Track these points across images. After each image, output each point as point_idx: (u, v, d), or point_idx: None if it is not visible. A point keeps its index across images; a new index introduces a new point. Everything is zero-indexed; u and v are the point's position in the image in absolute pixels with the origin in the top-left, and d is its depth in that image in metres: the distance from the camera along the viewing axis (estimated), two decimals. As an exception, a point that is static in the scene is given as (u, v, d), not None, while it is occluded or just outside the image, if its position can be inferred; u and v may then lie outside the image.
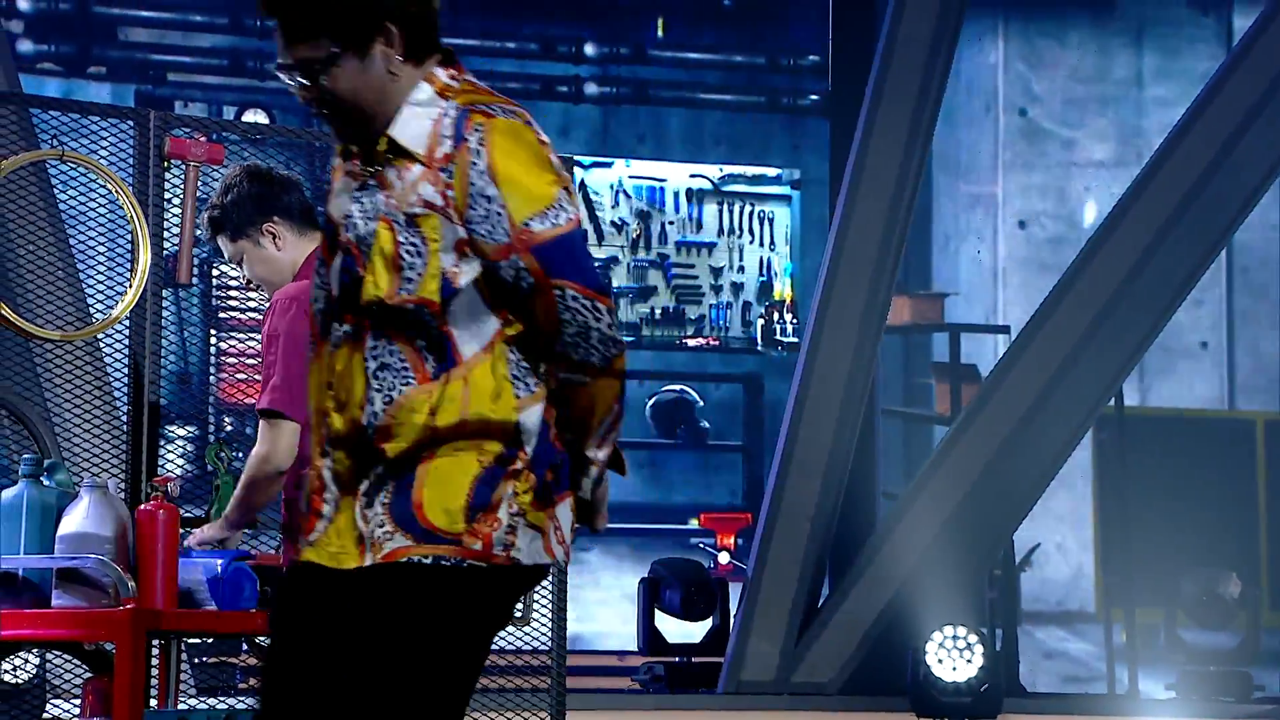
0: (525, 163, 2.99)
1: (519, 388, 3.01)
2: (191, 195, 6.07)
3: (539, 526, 3.05)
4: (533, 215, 2.98)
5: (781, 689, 9.35)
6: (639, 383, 13.44)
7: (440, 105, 3.06)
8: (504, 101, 3.11)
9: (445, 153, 3.00)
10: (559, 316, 2.98)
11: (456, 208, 2.98)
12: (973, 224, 13.36)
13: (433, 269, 2.97)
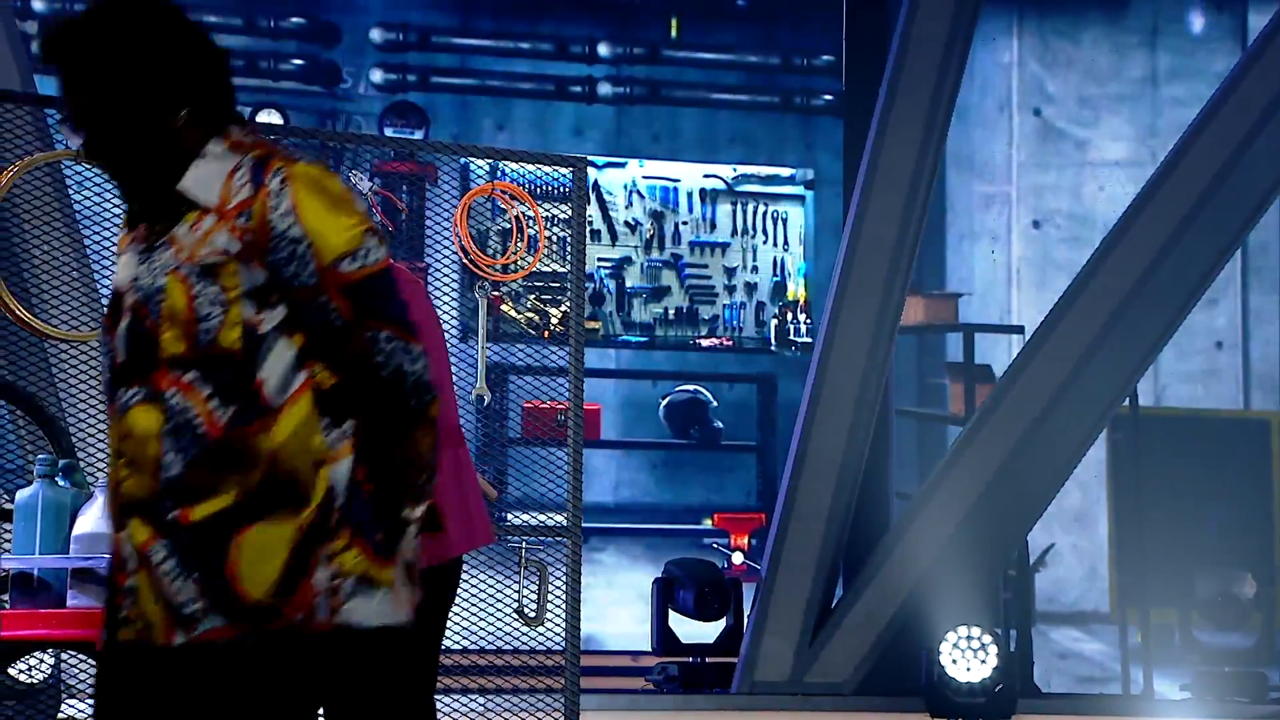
0: (330, 204, 2.92)
1: (330, 441, 2.88)
2: (206, 195, 6.08)
3: (379, 583, 2.90)
4: (341, 256, 2.89)
5: (795, 689, 9.34)
6: (653, 383, 13.43)
7: (233, 158, 2.97)
8: (305, 155, 3.05)
9: (242, 199, 2.92)
10: (373, 360, 2.88)
11: (257, 252, 2.89)
12: (987, 224, 13.35)
13: (233, 318, 2.87)
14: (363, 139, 7.88)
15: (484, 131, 13.19)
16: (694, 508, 13.20)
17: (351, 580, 2.87)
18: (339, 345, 2.90)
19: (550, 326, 11.61)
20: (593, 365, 10.79)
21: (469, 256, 6.70)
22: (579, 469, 6.76)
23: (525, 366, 7.64)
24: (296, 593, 2.85)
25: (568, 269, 7.11)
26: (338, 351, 2.90)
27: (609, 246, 13.42)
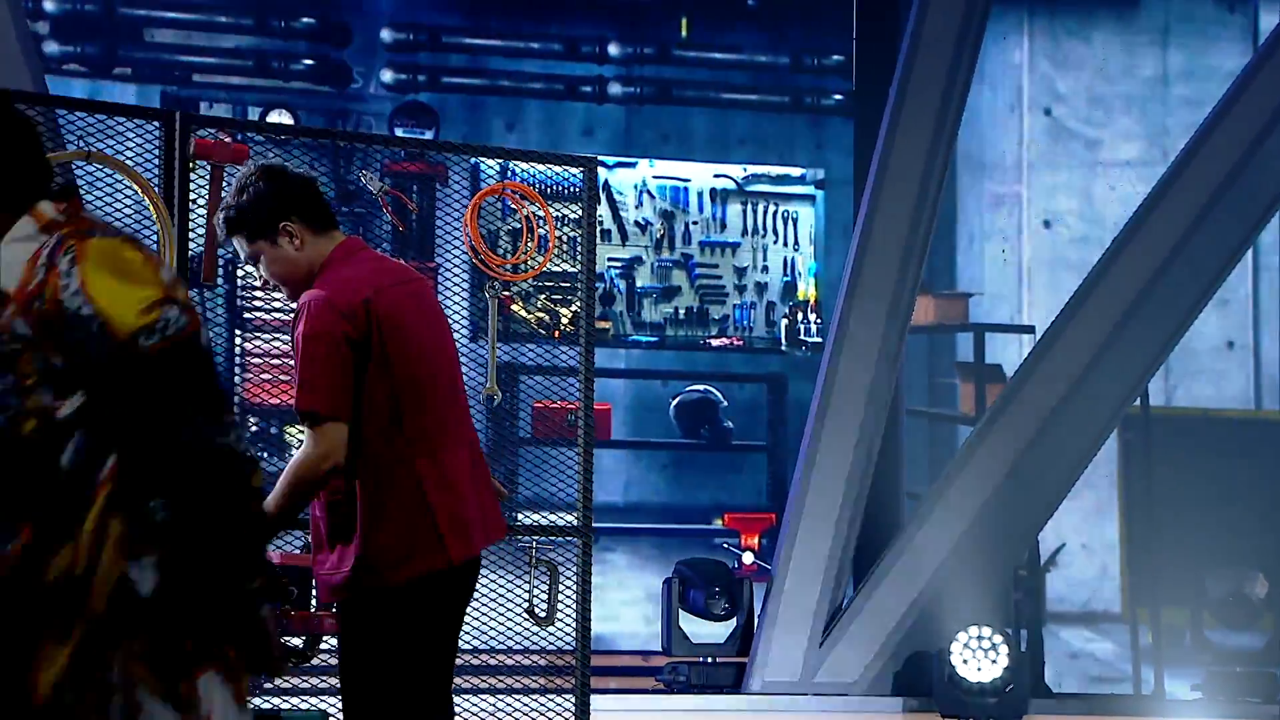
0: (121, 277, 2.79)
1: (135, 537, 2.74)
2: (216, 195, 6.08)
3: (177, 702, 2.75)
4: (138, 329, 2.77)
5: (806, 689, 9.34)
6: (663, 383, 13.43)
7: (40, 239, 2.84)
8: (109, 229, 2.91)
9: (37, 283, 2.80)
10: (180, 438, 2.75)
11: (51, 335, 2.77)
12: (997, 223, 13.33)
13: (30, 406, 2.74)
14: (373, 139, 7.89)
15: (494, 131, 13.19)
16: (704, 508, 13.20)
17: (146, 691, 2.73)
18: (143, 426, 2.74)
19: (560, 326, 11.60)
20: (603, 365, 10.79)
21: (479, 256, 6.70)
22: (589, 469, 6.75)
23: (535, 366, 7.64)
24: (75, 706, 2.70)
25: (578, 269, 7.11)
26: (142, 433, 2.74)
27: (619, 246, 13.42)
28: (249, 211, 4.53)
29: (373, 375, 4.41)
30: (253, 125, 9.19)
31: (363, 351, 4.40)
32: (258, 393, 10.90)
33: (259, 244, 4.55)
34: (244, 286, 11.37)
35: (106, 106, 6.30)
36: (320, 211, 4.56)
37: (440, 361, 4.63)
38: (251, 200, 4.53)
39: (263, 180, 4.55)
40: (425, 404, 4.47)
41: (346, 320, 4.38)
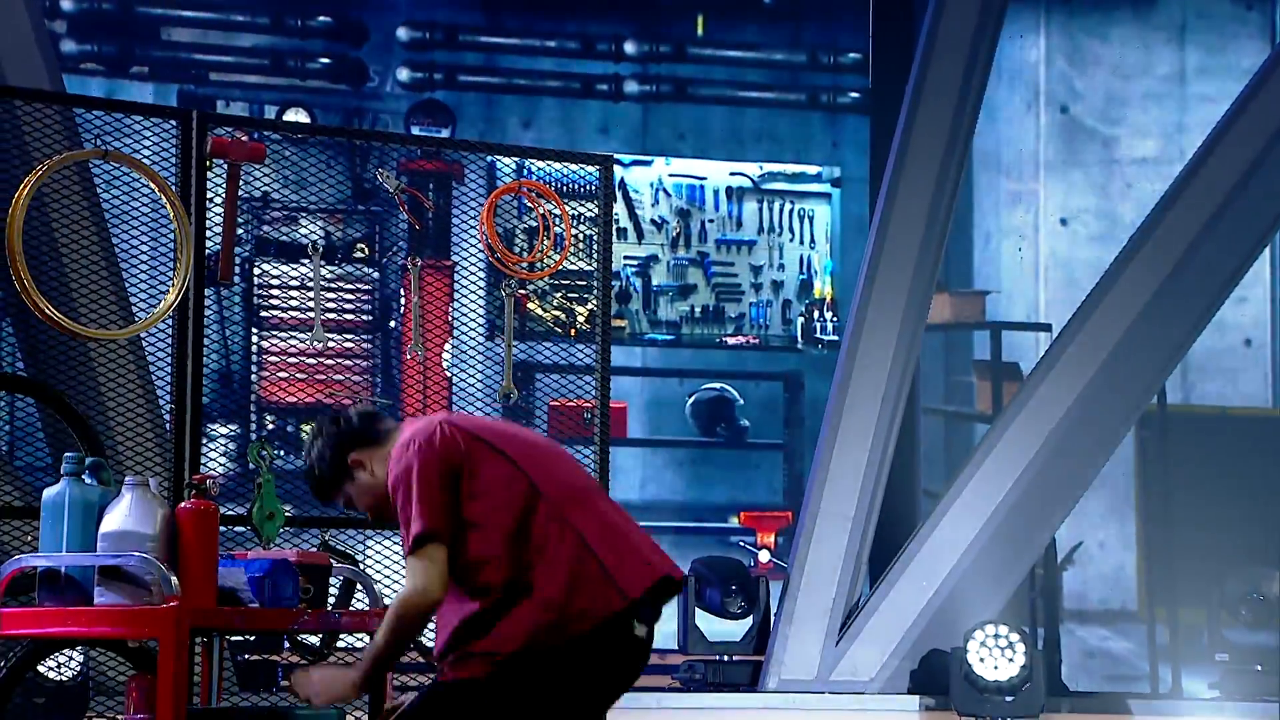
0: None
1: None
2: (233, 194, 6.08)
3: None
4: None
5: (822, 687, 9.32)
6: (679, 381, 13.41)
7: None
8: None
9: None
10: None
11: None
12: (1014, 221, 13.30)
13: None
14: (389, 137, 7.88)
15: (510, 130, 13.18)
16: (720, 506, 13.18)
17: None
18: None
19: (576, 324, 11.59)
20: (619, 363, 10.76)
21: (495, 254, 6.69)
22: (605, 467, 6.74)
23: (551, 365, 7.63)
24: None
25: (594, 267, 7.09)
26: None
27: (635, 245, 13.40)
28: (317, 473, 4.61)
29: (490, 470, 4.40)
30: (269, 124, 9.19)
31: (461, 466, 4.40)
32: (275, 391, 10.92)
33: (345, 490, 4.61)
34: (261, 285, 11.39)
35: (123, 105, 6.31)
36: (376, 428, 4.59)
37: (549, 447, 4.59)
38: (315, 462, 4.61)
39: (316, 439, 4.62)
40: (550, 472, 4.45)
41: (429, 447, 4.38)
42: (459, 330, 7.05)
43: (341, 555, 5.92)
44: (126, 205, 6.23)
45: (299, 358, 10.37)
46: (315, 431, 4.62)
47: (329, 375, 10.78)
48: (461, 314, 7.00)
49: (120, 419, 6.26)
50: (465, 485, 4.36)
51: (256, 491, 5.67)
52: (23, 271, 5.64)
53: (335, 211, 11.68)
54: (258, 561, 4.82)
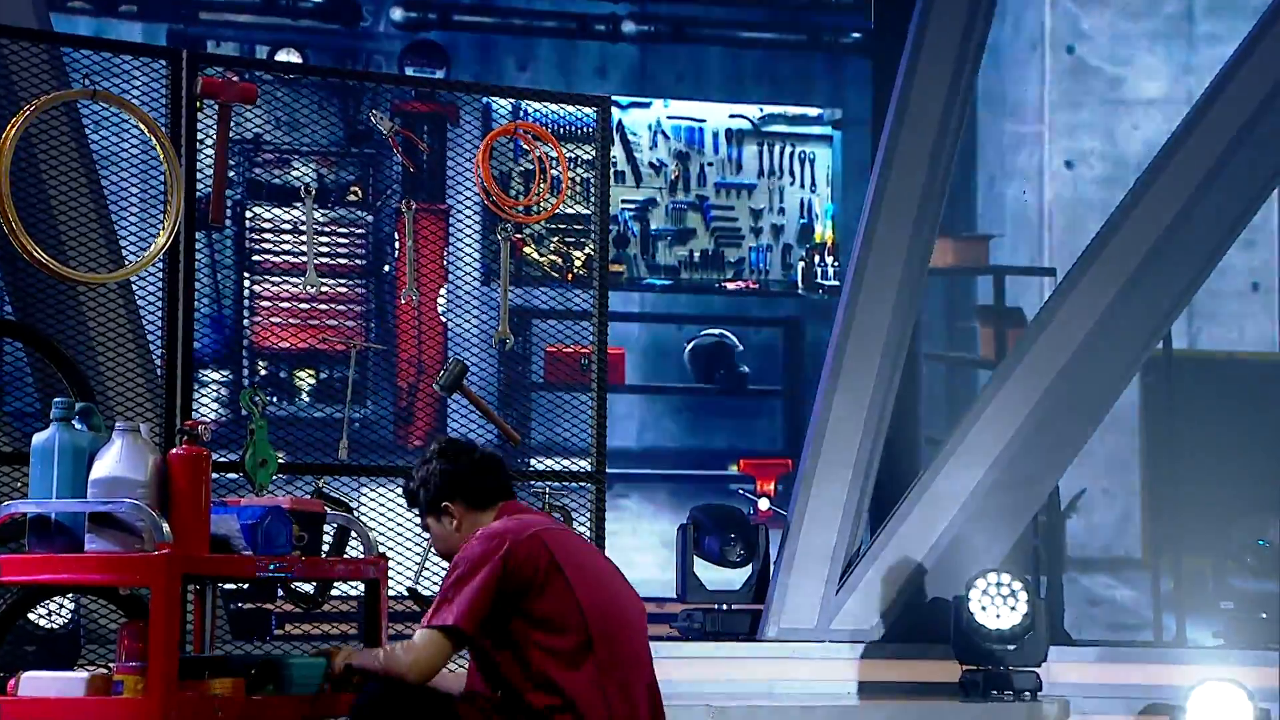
0: None
1: None
2: (224, 135, 6.02)
3: None
4: None
5: (822, 636, 9.29)
6: (678, 327, 13.34)
7: None
8: None
9: None
10: None
11: None
12: (1018, 164, 13.21)
13: None
14: (383, 78, 7.79)
15: (506, 71, 13.07)
16: (719, 453, 13.13)
17: None
18: None
19: (573, 269, 11.51)
20: (616, 309, 10.66)
21: (491, 198, 6.62)
22: (603, 414, 6.69)
23: (548, 310, 7.56)
24: None
25: (591, 211, 7.01)
26: None
27: (633, 188, 13.31)
28: (418, 491, 4.84)
29: (554, 599, 4.58)
30: (261, 64, 9.10)
31: (528, 582, 4.58)
32: (267, 336, 10.84)
33: (426, 519, 4.84)
34: (253, 229, 11.30)
35: (112, 45, 6.24)
36: (486, 491, 4.79)
37: (623, 596, 4.77)
38: (421, 480, 4.82)
39: (436, 460, 4.82)
40: (612, 632, 4.65)
41: (510, 556, 4.57)
42: (454, 275, 6.99)
43: (335, 503, 5.88)
44: (116, 147, 6.16)
45: (292, 303, 10.30)
46: (438, 451, 4.82)
47: (322, 320, 10.72)
48: (456, 259, 6.93)
49: (110, 364, 6.18)
50: (526, 603, 4.54)
51: (249, 438, 5.61)
52: (10, 214, 5.57)
53: (328, 154, 11.58)
54: (250, 508, 4.79)
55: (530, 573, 4.54)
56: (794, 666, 9.06)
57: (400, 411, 9.96)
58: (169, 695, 4.37)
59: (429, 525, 4.82)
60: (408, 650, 4.54)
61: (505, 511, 4.76)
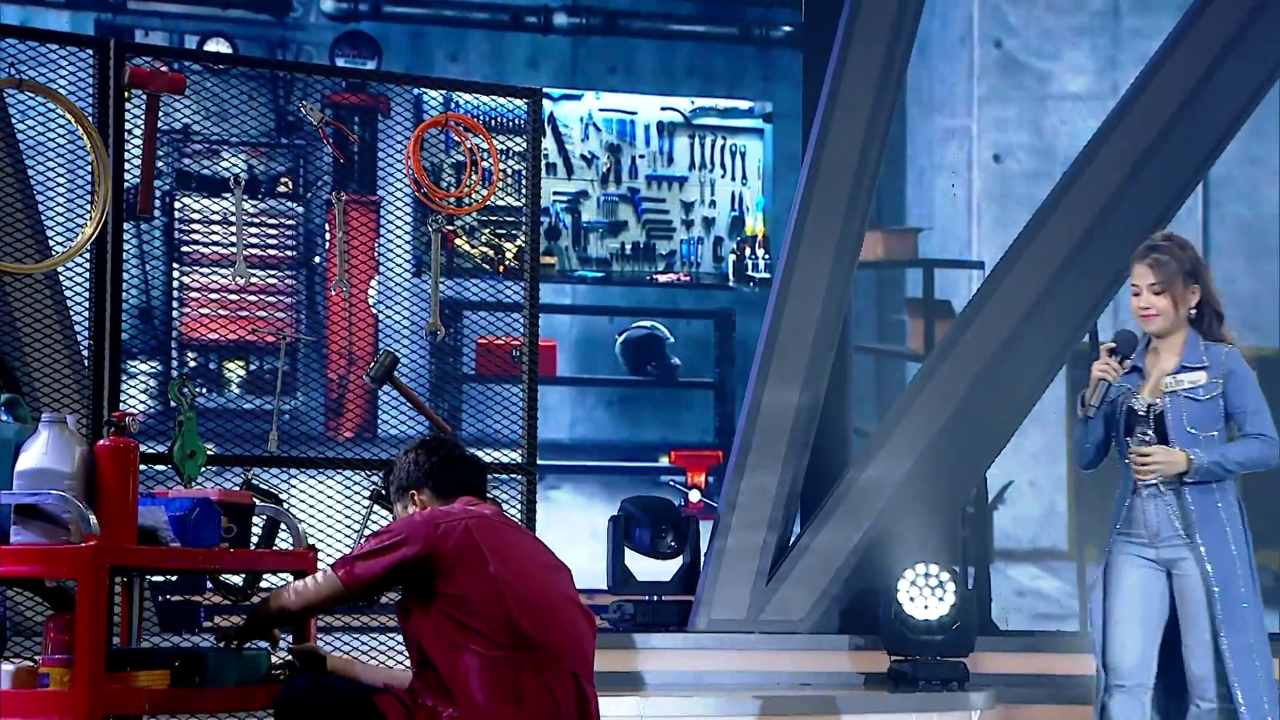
0: None
1: None
2: (152, 126, 5.97)
3: None
4: None
5: (753, 627, 9.32)
6: (609, 319, 13.34)
7: None
8: None
9: None
10: None
11: None
12: (947, 158, 13.27)
13: None
14: (313, 69, 7.75)
15: (437, 63, 13.03)
16: (651, 445, 13.14)
17: None
18: None
19: (505, 261, 11.50)
20: (548, 301, 10.69)
21: (422, 190, 6.60)
22: (534, 406, 6.68)
23: (480, 302, 7.55)
24: None
25: (522, 203, 7.00)
26: None
27: (564, 180, 13.30)
28: (392, 479, 5.03)
29: (472, 582, 4.64)
30: (189, 54, 9.02)
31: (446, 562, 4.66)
32: (195, 328, 10.78)
33: (395, 504, 5.00)
34: (182, 220, 11.22)
35: (38, 34, 6.18)
36: (453, 484, 4.94)
37: (557, 591, 4.85)
38: (399, 467, 4.99)
39: (417, 450, 4.99)
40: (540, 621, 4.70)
41: (434, 535, 4.67)
42: (385, 267, 6.97)
43: (265, 494, 5.85)
44: (42, 136, 6.09)
45: (221, 294, 10.23)
46: (421, 443, 5.01)
47: (252, 312, 10.67)
48: (387, 250, 6.91)
49: (37, 355, 6.14)
50: (443, 583, 4.61)
51: (178, 429, 5.58)
52: (-66, 204, 5.51)
53: (258, 145, 11.52)
54: (179, 500, 4.76)
55: (449, 552, 4.63)
56: (724, 657, 9.09)
57: (330, 403, 9.93)
58: (96, 687, 4.35)
59: (394, 509, 4.98)
60: (304, 582, 4.73)
61: (463, 503, 4.85)
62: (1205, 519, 5.68)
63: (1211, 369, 5.76)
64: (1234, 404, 5.75)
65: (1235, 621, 5.59)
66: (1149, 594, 5.71)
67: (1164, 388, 5.77)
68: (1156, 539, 5.75)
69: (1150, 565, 5.74)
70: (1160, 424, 5.74)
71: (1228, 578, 5.63)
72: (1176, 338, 5.84)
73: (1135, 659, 5.68)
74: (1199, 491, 5.69)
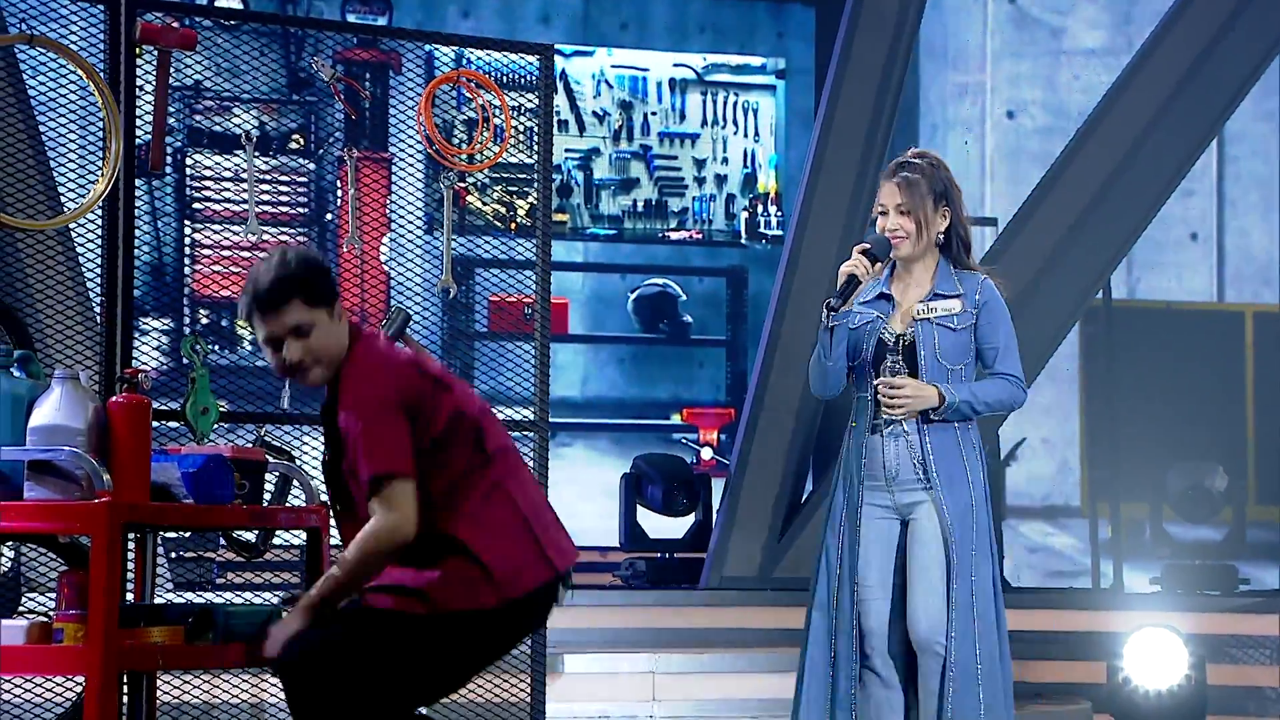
0: None
1: None
2: (164, 82, 5.96)
3: None
4: None
5: (764, 584, 9.33)
6: (621, 276, 13.33)
7: None
8: None
9: None
10: None
11: None
12: (960, 114, 13.23)
13: None
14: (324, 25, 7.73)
15: (449, 19, 12.98)
16: (663, 403, 13.15)
17: None
18: None
19: (517, 218, 11.49)
20: (560, 258, 10.65)
21: (434, 147, 6.58)
22: (546, 363, 6.68)
23: (491, 259, 7.54)
24: None
25: (534, 160, 6.98)
26: None
27: (576, 137, 13.27)
28: (315, 273, 4.39)
29: (447, 419, 4.38)
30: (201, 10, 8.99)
31: (422, 404, 4.37)
32: (208, 284, 10.79)
33: (319, 311, 4.38)
34: (194, 176, 11.21)
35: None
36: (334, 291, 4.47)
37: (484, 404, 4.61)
38: (315, 265, 4.41)
39: (310, 257, 4.45)
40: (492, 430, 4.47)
41: (402, 381, 4.34)
42: (397, 224, 6.95)
43: (277, 451, 5.86)
44: (54, 93, 6.08)
45: (233, 251, 10.23)
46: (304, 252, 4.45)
47: (264, 269, 10.63)
48: (399, 207, 6.90)
49: (49, 312, 6.14)
50: (420, 427, 4.32)
51: (190, 386, 5.58)
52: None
53: (269, 101, 11.49)
54: (191, 456, 4.76)
55: (417, 396, 4.35)
56: (736, 614, 9.10)
57: (343, 360, 9.91)
58: (109, 643, 4.36)
59: (316, 322, 4.34)
60: (396, 514, 4.25)
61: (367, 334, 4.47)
62: (944, 460, 5.12)
63: (966, 297, 5.22)
64: (985, 338, 5.22)
65: (964, 570, 5.08)
66: (889, 547, 5.17)
67: (915, 315, 5.19)
68: (893, 482, 5.17)
69: (887, 515, 5.20)
70: (910, 355, 5.18)
71: (963, 526, 5.10)
72: (926, 264, 5.26)
73: (882, 621, 5.16)
74: (939, 430, 5.15)
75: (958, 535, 5.10)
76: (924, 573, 5.12)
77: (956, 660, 5.08)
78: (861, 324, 5.24)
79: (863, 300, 5.26)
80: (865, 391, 5.25)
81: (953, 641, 5.09)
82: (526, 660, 6.53)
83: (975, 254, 5.51)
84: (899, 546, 5.19)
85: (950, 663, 5.08)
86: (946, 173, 5.38)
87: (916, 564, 5.14)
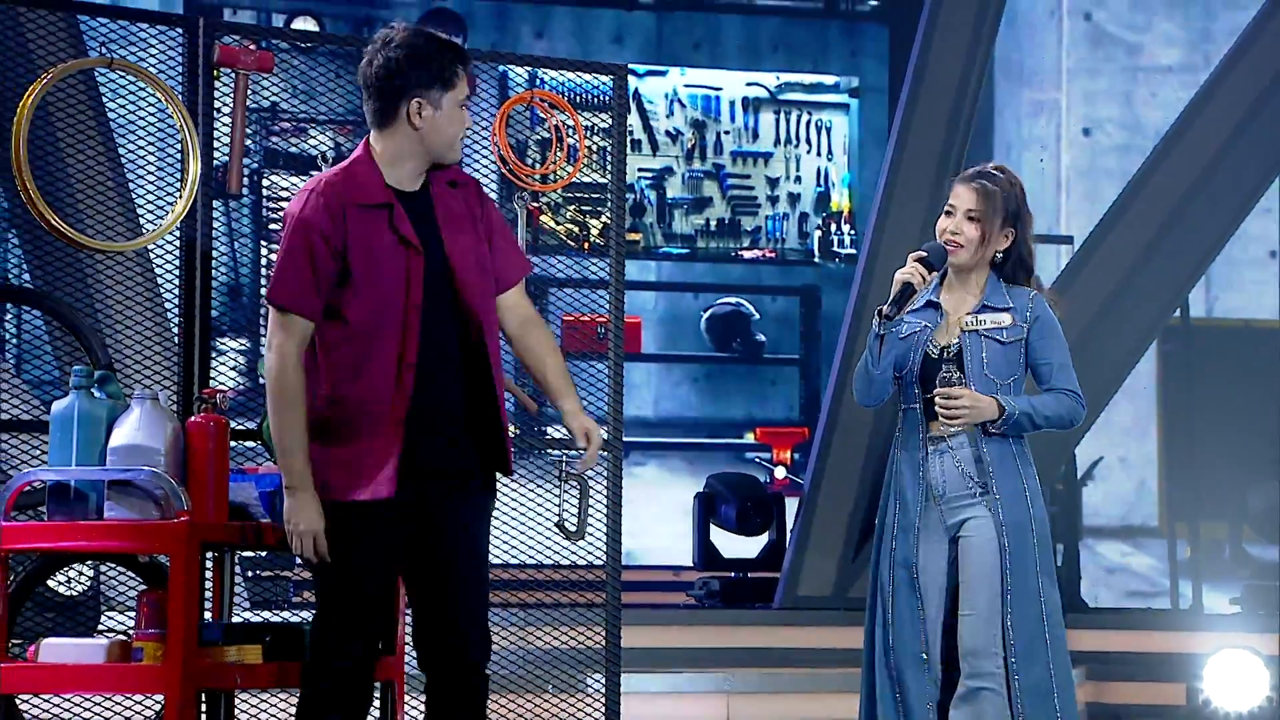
0: None
1: None
2: (241, 104, 6.00)
3: None
4: None
5: (838, 604, 9.29)
6: (694, 295, 13.33)
7: None
8: None
9: None
10: None
11: None
12: (1035, 132, 13.16)
13: None
14: (400, 46, 7.71)
15: (522, 39, 13.04)
16: (736, 422, 13.13)
17: None
18: None
19: (590, 238, 11.50)
20: (633, 278, 10.69)
21: (508, 166, 6.60)
22: (619, 382, 6.68)
23: (565, 279, 7.54)
24: None
25: (608, 179, 6.99)
26: None
27: (649, 156, 13.28)
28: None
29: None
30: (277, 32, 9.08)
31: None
32: (285, 305, 10.83)
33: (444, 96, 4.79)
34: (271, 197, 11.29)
35: (129, 13, 6.22)
36: None
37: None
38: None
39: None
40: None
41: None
42: (471, 243, 6.96)
43: (353, 470, 5.86)
44: (133, 115, 6.13)
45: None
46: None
47: (340, 289, 10.68)
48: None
49: (128, 333, 6.19)
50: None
51: (267, 406, 5.59)
52: (28, 182, 5.56)
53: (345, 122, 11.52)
54: (268, 476, 4.79)
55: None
56: (811, 634, 9.07)
57: (417, 380, 9.95)
58: (188, 662, 4.39)
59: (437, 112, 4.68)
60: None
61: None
62: (1003, 472, 4.95)
63: (1016, 311, 5.02)
64: (1039, 354, 5.02)
65: (1029, 590, 4.92)
66: (940, 575, 4.97)
67: (963, 327, 5.02)
68: (941, 500, 4.97)
69: (938, 537, 4.99)
70: (958, 366, 5.00)
71: (1022, 541, 4.93)
72: (977, 277, 5.09)
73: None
74: (996, 442, 4.96)
75: (1013, 549, 4.93)
76: (976, 591, 4.93)
77: (1025, 685, 4.91)
78: (910, 334, 5.10)
79: (911, 309, 5.13)
80: (913, 403, 5.07)
81: (1018, 663, 4.92)
82: (601, 678, 6.53)
83: (1047, 278, 5.36)
84: (950, 559, 5.00)
85: (1019, 687, 4.91)
86: (1022, 194, 5.22)
87: (967, 582, 4.95)
